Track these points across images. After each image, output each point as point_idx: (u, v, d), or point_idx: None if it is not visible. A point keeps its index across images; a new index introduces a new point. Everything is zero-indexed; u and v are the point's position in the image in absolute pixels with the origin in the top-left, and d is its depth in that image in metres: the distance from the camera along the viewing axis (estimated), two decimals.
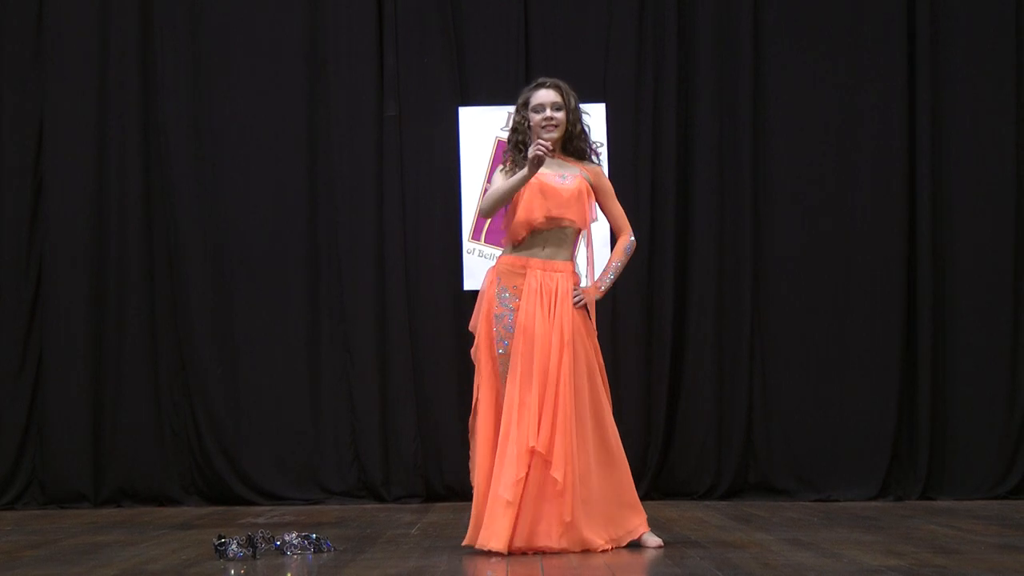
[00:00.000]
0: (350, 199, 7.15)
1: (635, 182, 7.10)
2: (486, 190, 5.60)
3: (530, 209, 4.87)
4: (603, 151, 7.05)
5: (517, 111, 5.00)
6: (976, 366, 7.05)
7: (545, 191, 4.88)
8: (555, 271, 4.90)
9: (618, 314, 7.07)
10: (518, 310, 4.84)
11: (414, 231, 7.15)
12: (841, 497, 6.91)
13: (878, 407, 7.01)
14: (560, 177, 4.93)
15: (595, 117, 7.00)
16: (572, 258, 5.00)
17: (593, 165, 5.08)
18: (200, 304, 7.11)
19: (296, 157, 7.18)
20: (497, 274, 4.94)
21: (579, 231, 4.99)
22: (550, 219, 4.89)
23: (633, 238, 5.14)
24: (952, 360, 7.05)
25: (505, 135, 7.01)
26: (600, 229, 7.00)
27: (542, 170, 4.85)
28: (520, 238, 4.90)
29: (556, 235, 4.92)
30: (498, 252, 6.61)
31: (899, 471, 6.98)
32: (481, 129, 7.07)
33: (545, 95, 4.94)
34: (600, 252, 6.94)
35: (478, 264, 7.04)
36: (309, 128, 7.19)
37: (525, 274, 4.88)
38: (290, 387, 7.12)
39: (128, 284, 7.12)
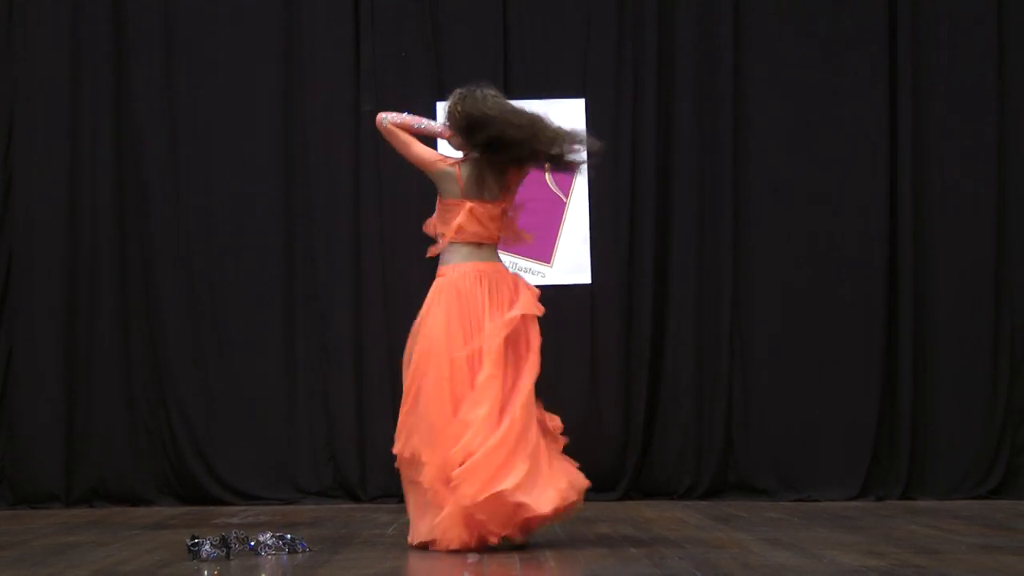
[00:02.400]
0: (326, 195, 7.13)
1: (615, 178, 7.10)
2: None
3: None
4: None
5: None
6: (957, 365, 7.07)
7: None
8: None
9: (597, 311, 7.09)
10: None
11: (391, 227, 7.12)
12: (821, 497, 6.92)
13: (859, 406, 7.03)
14: None
15: (574, 112, 7.01)
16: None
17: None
18: (173, 301, 7.07)
19: (271, 151, 7.14)
20: None
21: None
22: None
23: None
24: (933, 359, 7.07)
25: None
26: (579, 224, 7.02)
27: None
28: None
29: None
30: None
31: (879, 471, 7.00)
32: None
33: None
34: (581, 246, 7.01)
35: None
36: (284, 122, 7.15)
37: None
38: (265, 385, 7.09)
39: (100, 280, 7.07)
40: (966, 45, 7.17)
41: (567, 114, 6.85)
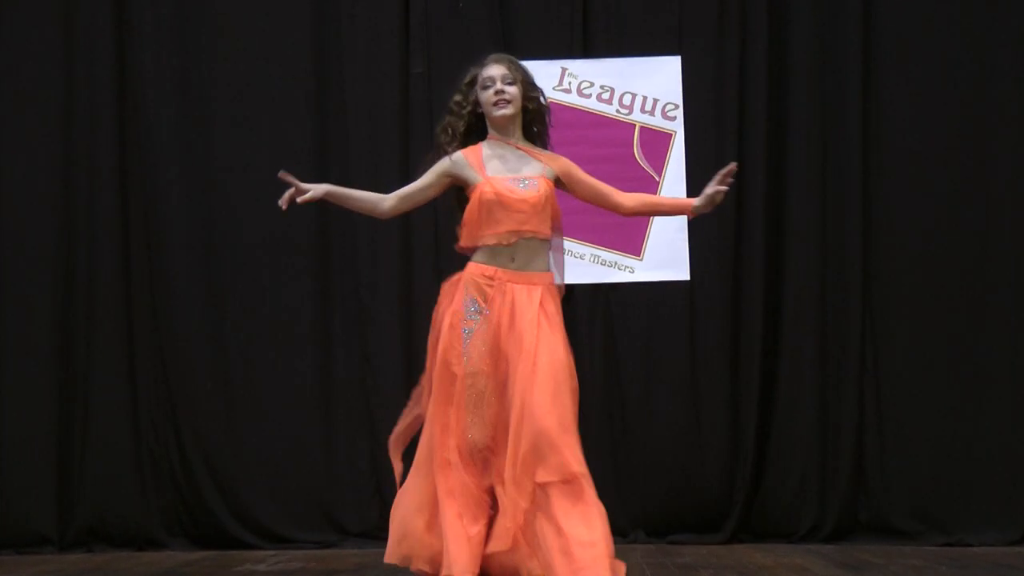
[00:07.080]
0: (369, 174, 7.06)
1: (716, 155, 7.00)
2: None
3: (493, 222, 5.11)
4: (678, 114, 7.01)
5: (460, 92, 5.30)
6: None
7: (505, 202, 5.10)
8: (529, 284, 5.11)
9: (696, 317, 7.10)
10: (483, 324, 5.08)
11: (446, 213, 6.96)
12: (975, 541, 6.88)
13: (1021, 431, 6.93)
14: (520, 183, 5.15)
15: (668, 73, 7.00)
16: (549, 267, 5.23)
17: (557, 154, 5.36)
18: (186, 303, 7.14)
19: (303, 123, 7.21)
20: (464, 283, 5.14)
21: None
22: (512, 232, 5.12)
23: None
24: None
25: (560, 95, 6.89)
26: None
27: (497, 174, 5.14)
28: (487, 245, 5.14)
29: (525, 245, 5.15)
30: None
31: None
32: None
33: (495, 70, 5.26)
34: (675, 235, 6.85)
35: None
36: (319, 88, 7.22)
37: (493, 286, 5.12)
38: (296, 403, 7.15)
39: (99, 280, 7.16)
40: None
41: (660, 74, 6.96)
